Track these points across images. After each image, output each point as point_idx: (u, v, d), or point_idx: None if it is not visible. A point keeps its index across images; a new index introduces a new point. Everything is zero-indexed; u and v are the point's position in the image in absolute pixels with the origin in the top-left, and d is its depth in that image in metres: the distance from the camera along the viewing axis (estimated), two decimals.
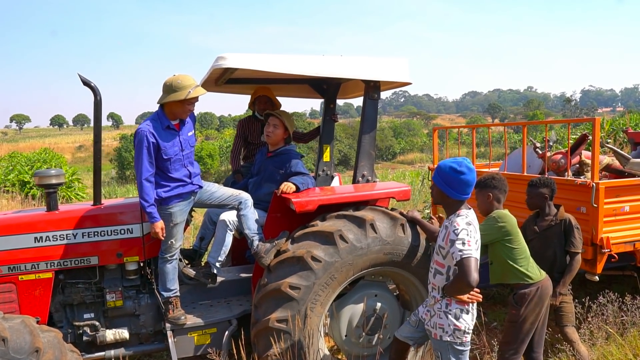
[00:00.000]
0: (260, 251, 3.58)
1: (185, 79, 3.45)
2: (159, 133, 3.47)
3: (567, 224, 3.88)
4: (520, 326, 3.36)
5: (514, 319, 3.38)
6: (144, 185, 3.44)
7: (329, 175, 4.73)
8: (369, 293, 3.82)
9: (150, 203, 3.46)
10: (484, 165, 6.82)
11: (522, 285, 3.38)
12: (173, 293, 3.67)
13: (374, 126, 4.08)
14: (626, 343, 3.94)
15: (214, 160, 34.98)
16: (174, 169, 3.56)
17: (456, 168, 2.84)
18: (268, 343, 3.37)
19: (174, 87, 3.42)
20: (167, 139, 3.51)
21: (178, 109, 3.51)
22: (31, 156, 18.95)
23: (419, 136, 55.46)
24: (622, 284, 5.40)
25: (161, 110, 3.55)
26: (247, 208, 3.80)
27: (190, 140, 3.69)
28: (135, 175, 3.68)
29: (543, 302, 3.38)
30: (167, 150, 3.50)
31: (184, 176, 3.62)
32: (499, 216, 3.39)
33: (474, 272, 2.66)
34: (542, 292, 3.36)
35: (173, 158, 3.54)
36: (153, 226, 3.50)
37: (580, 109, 59.21)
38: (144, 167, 3.43)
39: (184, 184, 3.61)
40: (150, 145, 3.43)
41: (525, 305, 3.34)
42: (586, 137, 5.70)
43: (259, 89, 4.94)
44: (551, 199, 3.97)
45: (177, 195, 3.58)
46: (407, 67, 3.89)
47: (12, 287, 3.47)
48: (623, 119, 13.08)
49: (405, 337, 3.26)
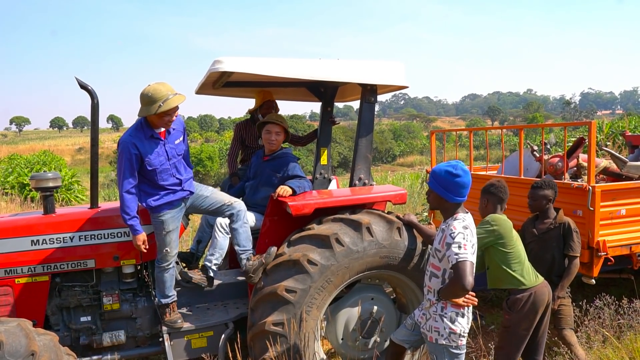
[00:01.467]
0: (249, 270, 3.56)
1: (157, 90, 3.25)
2: (141, 143, 3.36)
3: (567, 228, 3.88)
4: (513, 331, 3.35)
5: (507, 324, 3.38)
6: (125, 198, 3.36)
7: (327, 178, 4.73)
8: (365, 296, 3.82)
9: (132, 216, 3.40)
10: (481, 168, 6.83)
11: (515, 291, 3.35)
12: (170, 299, 3.67)
13: (371, 129, 4.09)
14: (623, 346, 3.93)
15: (213, 162, 34.94)
16: (161, 179, 3.47)
17: (452, 171, 2.85)
18: (264, 346, 3.37)
19: (146, 99, 3.25)
20: (150, 149, 3.39)
21: (156, 121, 3.37)
22: (31, 158, 18.98)
23: (418, 139, 55.51)
24: (618, 287, 5.41)
25: (144, 119, 3.40)
26: (239, 221, 3.71)
27: (177, 148, 3.56)
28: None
29: (537, 308, 3.33)
30: (151, 161, 3.39)
31: (173, 185, 3.53)
32: (492, 220, 3.39)
33: (469, 276, 2.67)
34: (535, 298, 3.31)
35: (159, 168, 3.43)
36: (135, 239, 3.47)
37: (580, 111, 59.33)
38: (125, 179, 3.35)
39: (173, 191, 3.53)
40: (132, 157, 3.32)
41: (517, 311, 3.31)
42: (583, 140, 5.71)
43: (266, 94, 4.95)
44: (553, 201, 3.98)
45: (167, 203, 3.51)
46: (403, 71, 3.90)
47: (8, 290, 3.47)
48: (622, 122, 13.12)
49: (401, 340, 3.26)
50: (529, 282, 3.35)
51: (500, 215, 3.47)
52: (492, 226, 3.35)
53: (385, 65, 3.86)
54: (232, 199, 3.78)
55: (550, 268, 3.90)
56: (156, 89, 3.26)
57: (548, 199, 3.95)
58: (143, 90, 3.29)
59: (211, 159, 34.88)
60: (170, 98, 3.26)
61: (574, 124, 5.74)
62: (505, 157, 6.14)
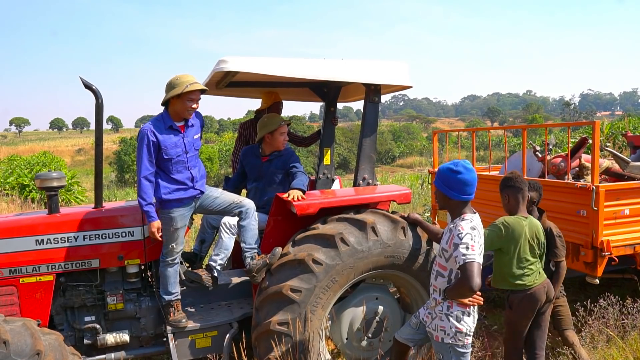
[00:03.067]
0: (253, 269, 3.56)
1: (184, 76, 3.47)
2: (160, 132, 3.47)
3: (549, 233, 3.72)
4: (514, 327, 3.51)
5: (508, 320, 3.54)
6: (143, 184, 3.44)
7: (330, 179, 4.74)
8: (369, 296, 3.82)
9: (148, 202, 3.46)
10: (483, 169, 6.84)
11: (515, 291, 3.44)
12: (174, 297, 3.66)
13: (375, 129, 4.10)
14: (627, 346, 3.93)
15: (213, 163, 34.93)
16: (175, 170, 3.54)
17: (452, 168, 2.88)
18: (269, 346, 3.37)
19: (172, 84, 3.44)
20: (169, 138, 3.49)
21: (179, 106, 3.48)
22: (31, 159, 18.98)
23: (418, 140, 55.49)
24: (622, 287, 5.40)
25: (165, 111, 3.55)
26: (248, 218, 3.73)
27: (195, 143, 3.65)
28: (136, 177, 3.68)
29: (535, 307, 3.43)
30: (168, 150, 3.49)
31: (186, 179, 3.58)
32: (503, 224, 3.37)
33: (477, 277, 2.67)
34: (532, 298, 3.41)
35: (175, 159, 3.52)
36: (150, 225, 3.49)
37: (579, 112, 59.37)
38: (143, 165, 3.43)
39: (185, 187, 3.57)
40: (150, 144, 3.42)
41: (516, 309, 3.44)
42: (586, 140, 5.72)
43: (275, 96, 4.96)
44: (537, 203, 3.88)
45: (177, 199, 3.55)
46: (407, 71, 3.91)
47: (13, 289, 3.47)
48: (622, 123, 13.12)
49: (406, 338, 3.27)
50: (530, 283, 3.40)
51: (515, 219, 3.41)
52: (502, 230, 3.35)
53: (390, 65, 3.87)
54: (241, 198, 3.81)
55: None
56: (183, 75, 3.47)
57: (532, 201, 3.81)
58: (171, 78, 3.49)
59: (211, 160, 34.87)
60: (197, 82, 3.48)
61: (578, 124, 5.77)
62: (506, 157, 6.14)
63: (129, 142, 36.42)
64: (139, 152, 3.47)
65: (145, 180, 3.44)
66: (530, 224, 3.43)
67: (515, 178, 3.51)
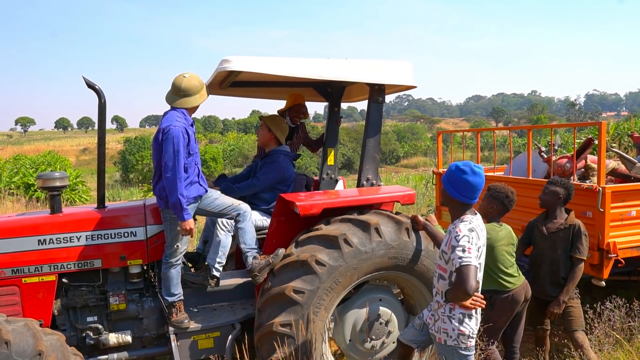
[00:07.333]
0: (255, 269, 3.55)
1: (195, 78, 3.54)
2: (187, 129, 3.49)
3: (576, 230, 3.87)
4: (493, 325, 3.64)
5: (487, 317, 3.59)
6: (181, 183, 3.39)
7: (333, 179, 4.72)
8: (373, 297, 3.80)
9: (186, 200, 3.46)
10: (488, 169, 6.80)
11: (497, 292, 3.66)
12: (177, 297, 3.65)
13: (379, 130, 4.07)
14: (634, 349, 3.90)
15: (217, 163, 35.00)
16: (189, 166, 3.53)
17: (460, 167, 2.86)
18: (272, 347, 3.35)
19: (198, 87, 3.55)
20: (193, 135, 3.58)
21: (193, 110, 3.63)
22: (36, 159, 19.05)
23: (422, 140, 55.38)
24: (628, 290, 5.36)
25: (183, 109, 3.55)
26: (245, 221, 3.73)
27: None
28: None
29: (514, 307, 3.68)
30: (192, 145, 3.54)
31: (195, 175, 3.59)
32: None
33: (472, 280, 2.63)
34: (513, 299, 3.65)
35: (194, 155, 3.59)
36: (187, 223, 3.44)
37: (585, 113, 59.14)
38: (180, 164, 3.39)
39: (196, 183, 3.59)
40: (184, 143, 3.45)
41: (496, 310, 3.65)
42: (591, 141, 5.67)
43: (298, 97, 4.96)
44: (564, 203, 3.94)
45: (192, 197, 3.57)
46: (411, 71, 3.89)
47: (15, 289, 3.46)
48: (628, 123, 13.04)
49: (409, 340, 3.24)
50: (511, 285, 3.65)
51: (491, 226, 3.64)
52: None
53: (394, 65, 3.84)
54: (238, 201, 3.82)
55: (557, 268, 3.88)
56: (194, 77, 3.56)
57: (557, 196, 3.91)
58: (181, 80, 3.51)
59: (215, 160, 34.94)
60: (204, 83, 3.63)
61: (583, 124, 5.71)
62: (512, 158, 6.10)
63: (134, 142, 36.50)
64: (174, 152, 3.36)
65: (181, 179, 3.40)
66: (505, 230, 3.71)
67: (514, 200, 3.72)
